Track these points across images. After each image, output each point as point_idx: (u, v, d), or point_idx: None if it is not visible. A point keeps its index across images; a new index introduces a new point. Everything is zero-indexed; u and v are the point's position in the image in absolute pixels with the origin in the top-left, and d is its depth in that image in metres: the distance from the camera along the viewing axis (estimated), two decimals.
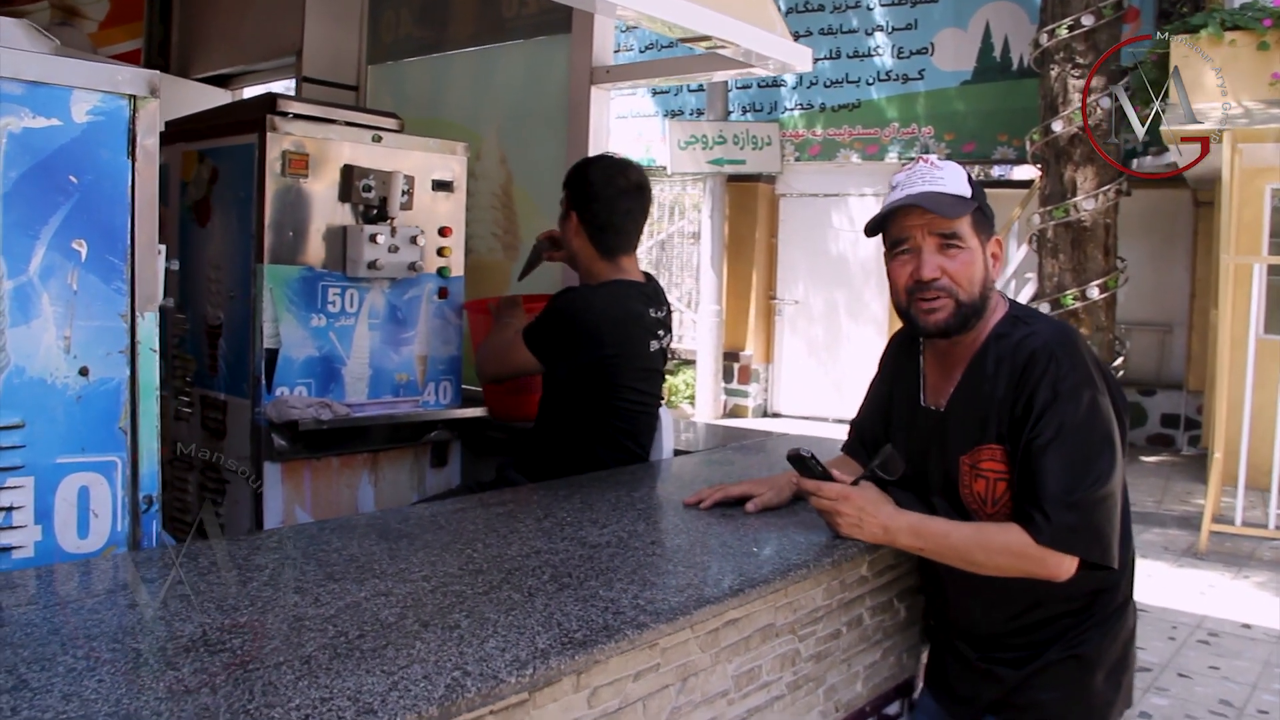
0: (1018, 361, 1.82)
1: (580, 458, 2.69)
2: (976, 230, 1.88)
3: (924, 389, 2.03)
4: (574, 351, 2.68)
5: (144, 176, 1.78)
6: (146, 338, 1.81)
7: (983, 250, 1.89)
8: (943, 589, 2.11)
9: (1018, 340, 1.85)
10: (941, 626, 2.17)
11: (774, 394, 12.06)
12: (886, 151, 10.79)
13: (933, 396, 2.01)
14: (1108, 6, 7.85)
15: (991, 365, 1.87)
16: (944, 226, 1.85)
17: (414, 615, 1.45)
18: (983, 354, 1.90)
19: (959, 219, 1.86)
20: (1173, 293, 9.42)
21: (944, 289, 1.86)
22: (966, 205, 1.86)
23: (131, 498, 1.81)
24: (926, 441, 2.00)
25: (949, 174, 1.88)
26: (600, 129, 3.52)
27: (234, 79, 5.00)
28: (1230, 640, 4.98)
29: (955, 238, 1.86)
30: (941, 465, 1.96)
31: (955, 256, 1.86)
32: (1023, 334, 1.86)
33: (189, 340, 3.14)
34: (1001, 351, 1.86)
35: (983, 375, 1.89)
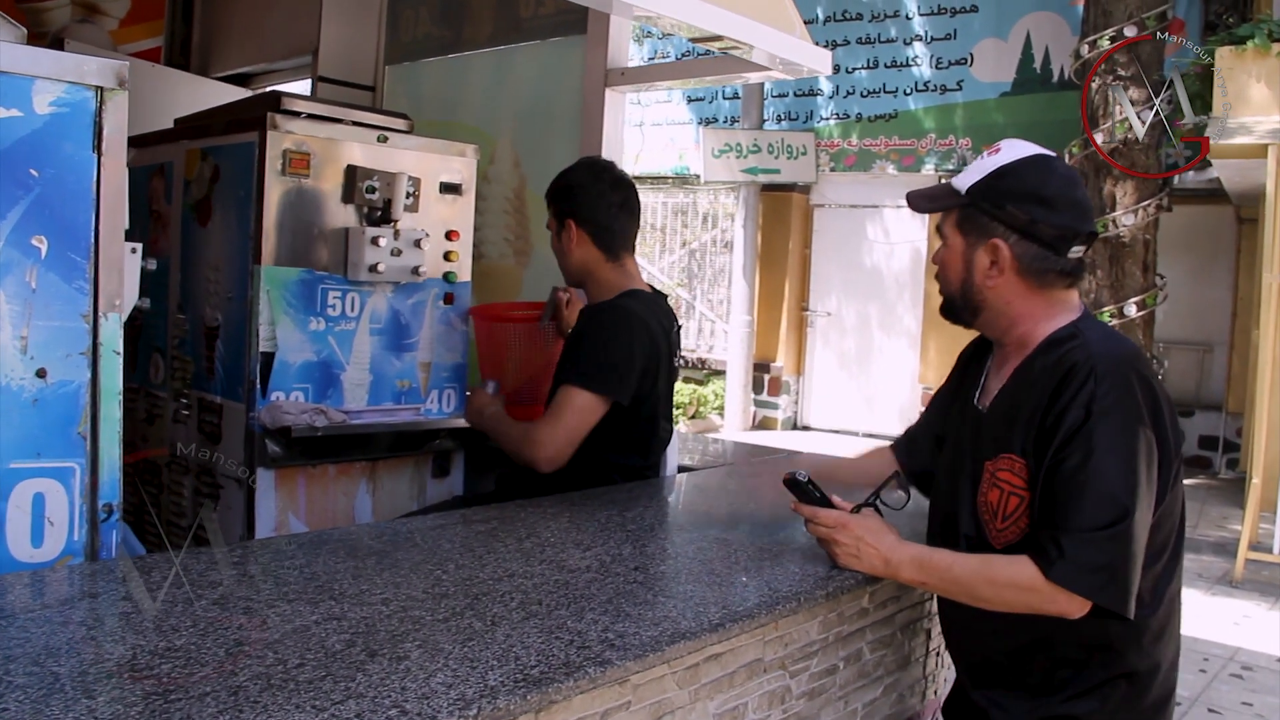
0: (1056, 374, 1.70)
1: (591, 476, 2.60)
2: (963, 229, 1.83)
3: (981, 388, 1.93)
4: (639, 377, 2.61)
5: (110, 171, 1.71)
6: (110, 339, 1.73)
7: (967, 251, 1.83)
8: (945, 612, 1.98)
9: (1065, 351, 1.72)
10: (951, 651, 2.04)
11: (804, 406, 11.91)
12: (923, 163, 10.62)
13: (984, 397, 1.91)
14: (1151, 17, 7.65)
15: (1036, 372, 1.76)
16: (939, 220, 1.89)
17: (363, 643, 1.36)
18: (1031, 360, 1.79)
19: (942, 215, 1.87)
20: (1214, 311, 9.18)
21: (939, 279, 1.92)
22: (945, 201, 1.85)
23: (90, 506, 1.73)
24: (966, 442, 1.89)
25: (982, 163, 1.82)
26: (614, 132, 3.43)
27: (253, 78, 4.96)
28: (1265, 675, 4.80)
29: (941, 231, 1.89)
30: (972, 469, 1.84)
31: (940, 251, 1.90)
32: (1073, 345, 1.73)
33: (188, 342, 3.08)
34: (1048, 360, 1.75)
35: (1025, 381, 1.78)
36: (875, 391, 11.34)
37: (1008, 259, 1.78)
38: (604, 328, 2.61)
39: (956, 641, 1.97)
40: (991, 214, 1.79)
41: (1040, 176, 1.79)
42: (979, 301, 1.84)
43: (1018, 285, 1.80)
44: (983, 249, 1.80)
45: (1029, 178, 1.78)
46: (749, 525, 2.19)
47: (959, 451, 1.92)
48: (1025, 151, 1.82)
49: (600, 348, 2.57)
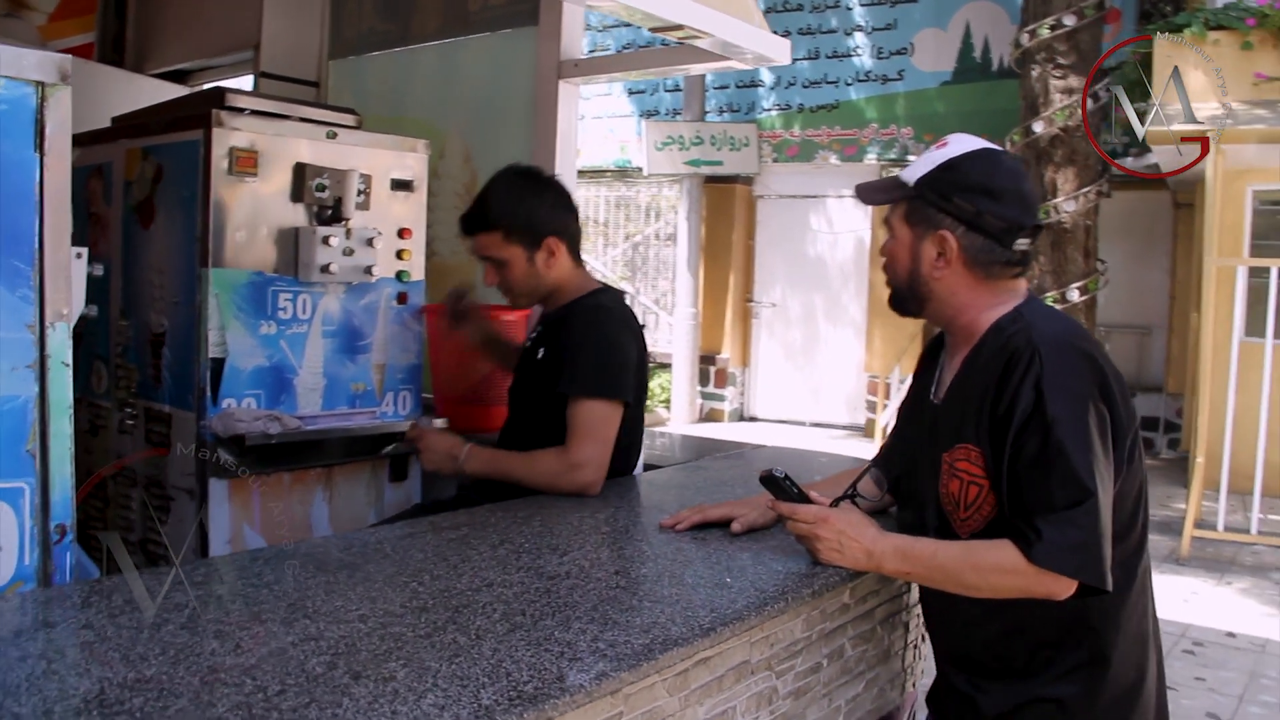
0: (1002, 357, 1.71)
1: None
2: (910, 221, 1.84)
3: (936, 383, 1.92)
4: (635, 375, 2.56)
5: (54, 172, 1.61)
6: (57, 350, 1.64)
7: (914, 242, 1.83)
8: (927, 601, 1.97)
9: (1009, 335, 1.73)
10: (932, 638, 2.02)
11: (750, 398, 11.92)
12: (865, 153, 10.67)
13: (939, 390, 1.90)
14: (1089, 6, 7.75)
15: (983, 360, 1.76)
16: (887, 211, 1.89)
17: (345, 664, 1.30)
18: (978, 348, 1.80)
19: (890, 207, 1.88)
20: (1152, 295, 9.34)
21: (886, 269, 1.91)
22: (893, 193, 1.86)
23: (42, 527, 1.64)
24: (924, 438, 1.89)
25: (929, 156, 1.83)
26: (569, 125, 3.37)
27: (192, 75, 4.81)
28: (1215, 650, 4.88)
29: (888, 223, 1.89)
30: (931, 464, 1.84)
31: (888, 242, 1.89)
32: (1015, 329, 1.74)
33: (132, 349, 2.96)
34: (994, 346, 1.75)
35: (974, 369, 1.78)
36: (821, 382, 11.39)
37: (955, 250, 1.79)
38: (601, 331, 2.51)
39: (939, 630, 1.96)
40: (939, 206, 1.79)
41: (987, 169, 1.80)
42: (926, 292, 1.84)
43: (964, 276, 1.80)
44: (929, 240, 1.81)
45: (976, 170, 1.79)
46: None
47: (919, 446, 1.91)
48: (972, 145, 1.83)
49: (605, 352, 2.48)
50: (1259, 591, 5.79)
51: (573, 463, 2.39)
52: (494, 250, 2.57)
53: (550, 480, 2.40)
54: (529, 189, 2.62)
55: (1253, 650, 4.87)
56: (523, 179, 2.65)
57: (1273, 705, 4.21)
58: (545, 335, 2.63)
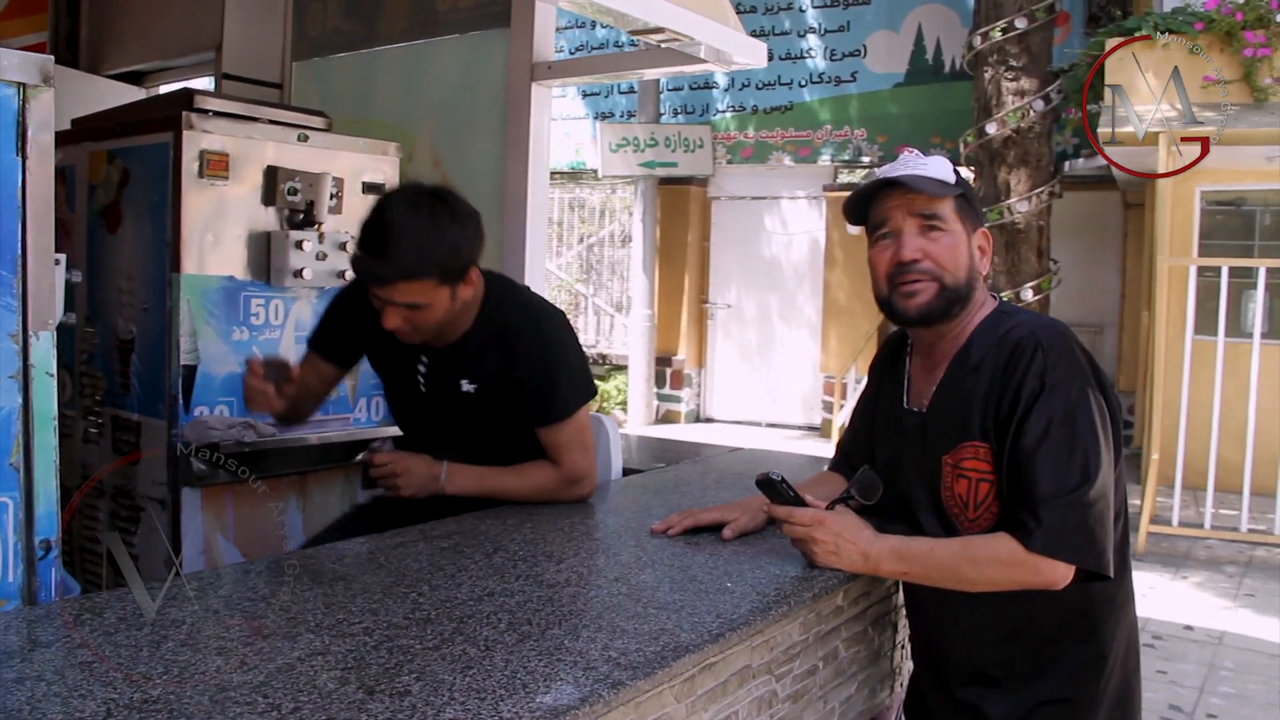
0: (1002, 354, 1.72)
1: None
2: (961, 217, 1.80)
3: (908, 391, 1.91)
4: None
5: (37, 177, 1.56)
6: (42, 360, 1.59)
7: (968, 238, 1.81)
8: (924, 612, 1.96)
9: (1003, 333, 1.74)
10: (924, 652, 2.01)
11: (707, 399, 11.95)
12: (819, 154, 10.74)
13: (916, 398, 1.89)
14: (1040, 9, 7.86)
15: (975, 359, 1.76)
16: (925, 207, 1.77)
17: (356, 679, 1.27)
18: (966, 349, 1.79)
19: (941, 200, 1.78)
20: (1104, 294, 9.50)
21: (926, 271, 1.77)
22: (949, 189, 1.78)
23: (26, 543, 1.58)
24: (909, 446, 1.87)
25: (933, 162, 1.80)
26: (541, 128, 3.34)
27: (148, 76, 4.71)
28: (1174, 643, 4.96)
29: (937, 219, 1.78)
30: (924, 469, 1.82)
31: (938, 239, 1.78)
32: (1008, 327, 1.75)
33: (98, 356, 2.89)
34: (986, 346, 1.76)
35: (966, 370, 1.77)
36: (777, 382, 11.45)
37: (989, 249, 1.84)
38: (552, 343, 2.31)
39: (937, 644, 1.93)
40: (975, 206, 1.84)
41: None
42: (972, 290, 1.81)
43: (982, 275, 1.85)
44: (975, 237, 1.83)
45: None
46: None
47: (902, 458, 1.89)
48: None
49: (567, 362, 2.31)
50: (1214, 585, 5.91)
51: (571, 478, 2.30)
52: (418, 296, 2.10)
53: (550, 495, 2.30)
54: (448, 218, 2.15)
55: (1210, 642, 4.96)
56: (438, 205, 2.15)
57: (1232, 696, 4.30)
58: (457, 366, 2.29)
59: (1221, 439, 6.38)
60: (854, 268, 10.78)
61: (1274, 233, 8.12)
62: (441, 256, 2.09)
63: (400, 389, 2.40)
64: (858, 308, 10.73)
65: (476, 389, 2.28)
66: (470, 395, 2.28)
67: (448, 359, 2.29)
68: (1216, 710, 4.17)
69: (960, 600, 1.76)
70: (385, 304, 2.11)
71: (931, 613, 1.90)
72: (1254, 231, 8.14)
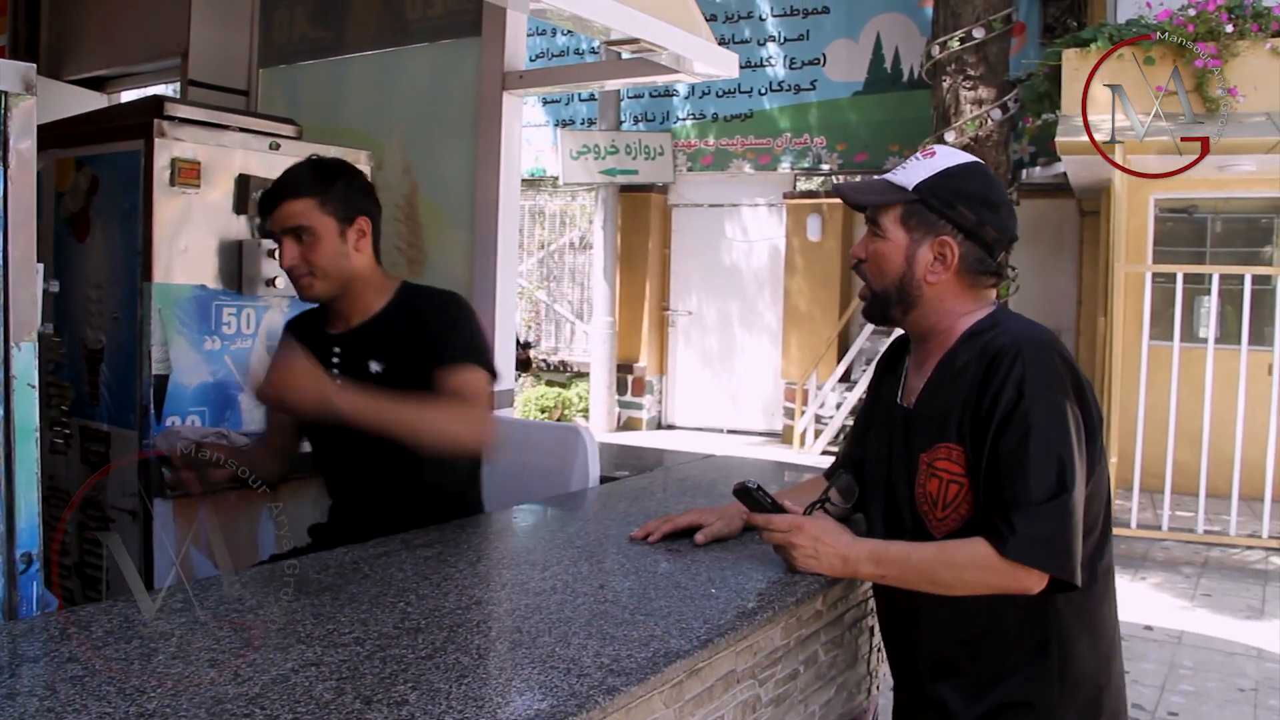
0: (984, 360, 1.73)
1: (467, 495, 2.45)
2: (907, 225, 1.81)
3: (903, 388, 1.93)
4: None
5: (19, 185, 1.55)
6: (23, 371, 1.57)
7: (910, 246, 1.81)
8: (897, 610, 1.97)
9: (988, 339, 1.76)
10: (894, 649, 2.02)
11: (668, 406, 11.98)
12: (779, 161, 10.82)
13: (907, 395, 1.91)
14: (997, 20, 7.98)
15: (960, 362, 1.78)
16: (873, 214, 1.84)
17: (352, 690, 1.27)
18: (953, 352, 1.81)
19: (880, 209, 1.83)
20: (1061, 300, 9.63)
21: (863, 273, 1.87)
22: (892, 195, 1.81)
23: (7, 557, 1.57)
24: (896, 439, 1.90)
25: (921, 164, 1.81)
26: (512, 136, 3.35)
27: (111, 81, 4.65)
28: (1135, 643, 5.05)
29: (876, 225, 1.84)
30: (906, 465, 1.85)
31: (875, 244, 1.84)
32: (995, 333, 1.77)
33: (66, 366, 2.85)
34: (971, 350, 1.77)
35: (950, 372, 1.80)
36: (738, 388, 11.50)
37: (954, 257, 1.80)
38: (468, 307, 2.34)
39: (909, 638, 1.95)
40: (941, 212, 1.79)
41: (986, 181, 1.83)
42: (915, 297, 1.84)
43: (954, 283, 1.82)
44: (929, 245, 1.81)
45: (976, 181, 1.82)
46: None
47: (890, 451, 1.92)
48: (962, 157, 1.84)
49: (479, 326, 2.32)
50: (1172, 586, 6.02)
51: (477, 418, 2.18)
52: (303, 218, 2.21)
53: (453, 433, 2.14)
54: (336, 164, 2.34)
55: (1169, 642, 5.05)
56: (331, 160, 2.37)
57: (1191, 694, 4.38)
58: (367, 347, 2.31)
59: (1178, 442, 6.51)
60: (814, 274, 10.87)
61: (1225, 240, 8.31)
62: (322, 182, 2.24)
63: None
64: (818, 314, 10.81)
65: (384, 368, 2.28)
66: (379, 375, 2.28)
67: (358, 341, 2.32)
68: (1177, 708, 4.26)
69: (931, 601, 1.78)
70: (280, 237, 2.24)
71: (904, 611, 1.92)
72: (1205, 239, 8.32)
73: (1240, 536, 6.50)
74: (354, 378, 2.24)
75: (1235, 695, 4.36)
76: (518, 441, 2.75)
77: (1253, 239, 8.31)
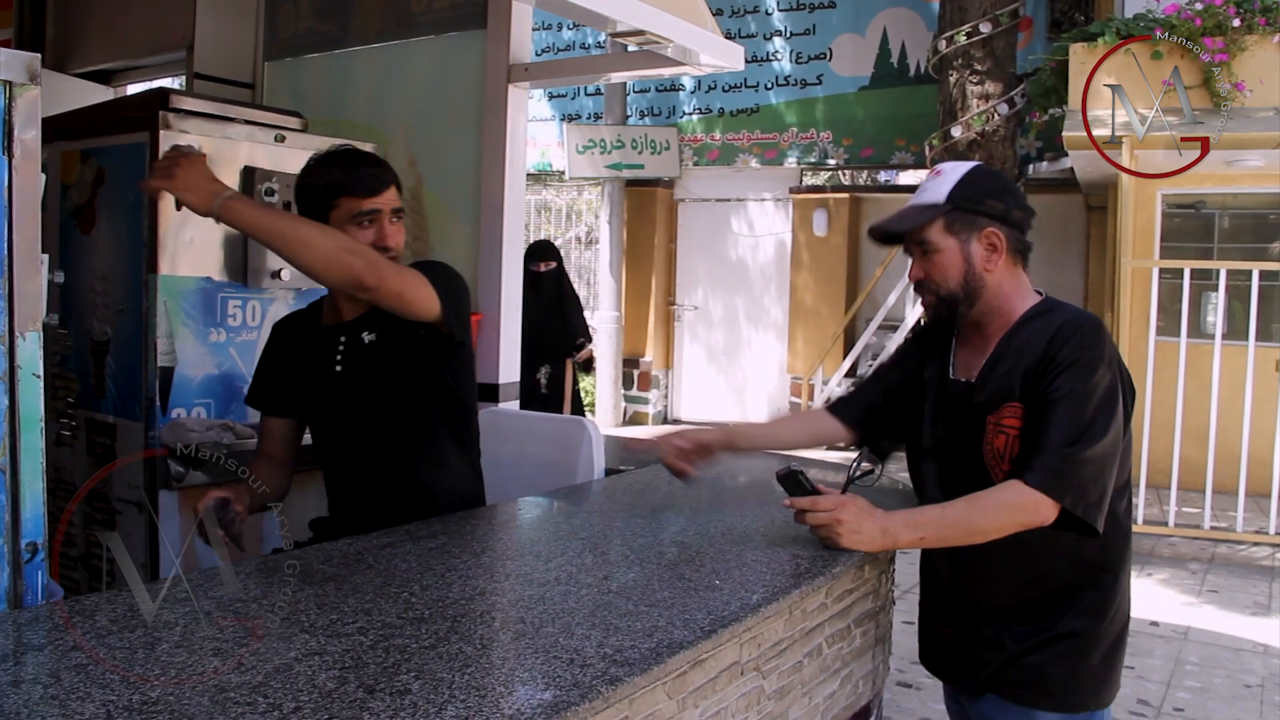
0: (1048, 332, 1.93)
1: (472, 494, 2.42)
2: (952, 230, 1.99)
3: (953, 365, 2.11)
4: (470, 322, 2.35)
5: (24, 176, 1.54)
6: (28, 361, 1.57)
7: (963, 248, 1.99)
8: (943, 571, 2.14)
9: (1050, 318, 1.97)
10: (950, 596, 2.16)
11: (674, 400, 11.97)
12: (785, 156, 10.79)
13: (963, 370, 2.09)
14: (1004, 14, 7.95)
15: (1022, 339, 1.97)
16: (917, 235, 2.02)
17: (355, 678, 1.27)
18: (1014, 332, 2.00)
19: (925, 226, 2.00)
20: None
21: (927, 288, 2.04)
22: (929, 214, 2.00)
23: (12, 546, 1.57)
24: (954, 411, 2.07)
25: (938, 182, 2.02)
26: (517, 129, 3.34)
27: (117, 75, 4.65)
28: (1141, 639, 5.04)
29: (925, 244, 2.02)
30: (969, 430, 2.02)
31: (931, 259, 2.02)
32: (1055, 313, 1.98)
33: (72, 358, 2.86)
34: (1032, 330, 1.97)
35: (1011, 348, 1.98)
36: (744, 383, 11.49)
37: (1004, 243, 1.98)
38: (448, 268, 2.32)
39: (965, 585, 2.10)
40: (976, 210, 1.98)
41: (997, 176, 2.08)
42: (979, 288, 2.00)
43: (1006, 266, 2.01)
44: (978, 240, 1.99)
45: (991, 177, 2.04)
46: (697, 526, 2.15)
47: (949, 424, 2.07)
48: (966, 163, 2.06)
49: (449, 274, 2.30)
50: (1178, 581, 6.00)
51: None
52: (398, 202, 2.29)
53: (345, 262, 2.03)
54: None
55: (1175, 638, 5.04)
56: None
57: (1197, 690, 4.37)
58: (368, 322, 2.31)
59: (1184, 438, 6.49)
60: (820, 270, 10.84)
61: (1232, 235, 8.27)
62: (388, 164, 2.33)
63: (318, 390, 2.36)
64: (824, 309, 10.79)
65: (377, 336, 2.29)
66: (373, 344, 2.29)
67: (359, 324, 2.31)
68: (1183, 704, 4.25)
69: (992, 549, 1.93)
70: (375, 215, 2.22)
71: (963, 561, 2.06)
72: (1213, 234, 8.28)
73: (1247, 533, 6.48)
74: (353, 359, 2.29)
75: (1242, 691, 4.35)
76: (523, 433, 2.75)
77: (1261, 234, 8.27)
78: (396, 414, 2.30)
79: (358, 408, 2.32)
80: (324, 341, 2.34)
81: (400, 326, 2.23)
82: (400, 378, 2.28)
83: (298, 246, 2.00)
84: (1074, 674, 2.01)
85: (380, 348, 2.29)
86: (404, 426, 2.30)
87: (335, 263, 2.02)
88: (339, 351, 2.32)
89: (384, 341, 2.29)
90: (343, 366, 2.31)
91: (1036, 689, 2.01)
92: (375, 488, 2.34)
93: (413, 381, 2.28)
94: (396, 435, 2.30)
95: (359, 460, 2.35)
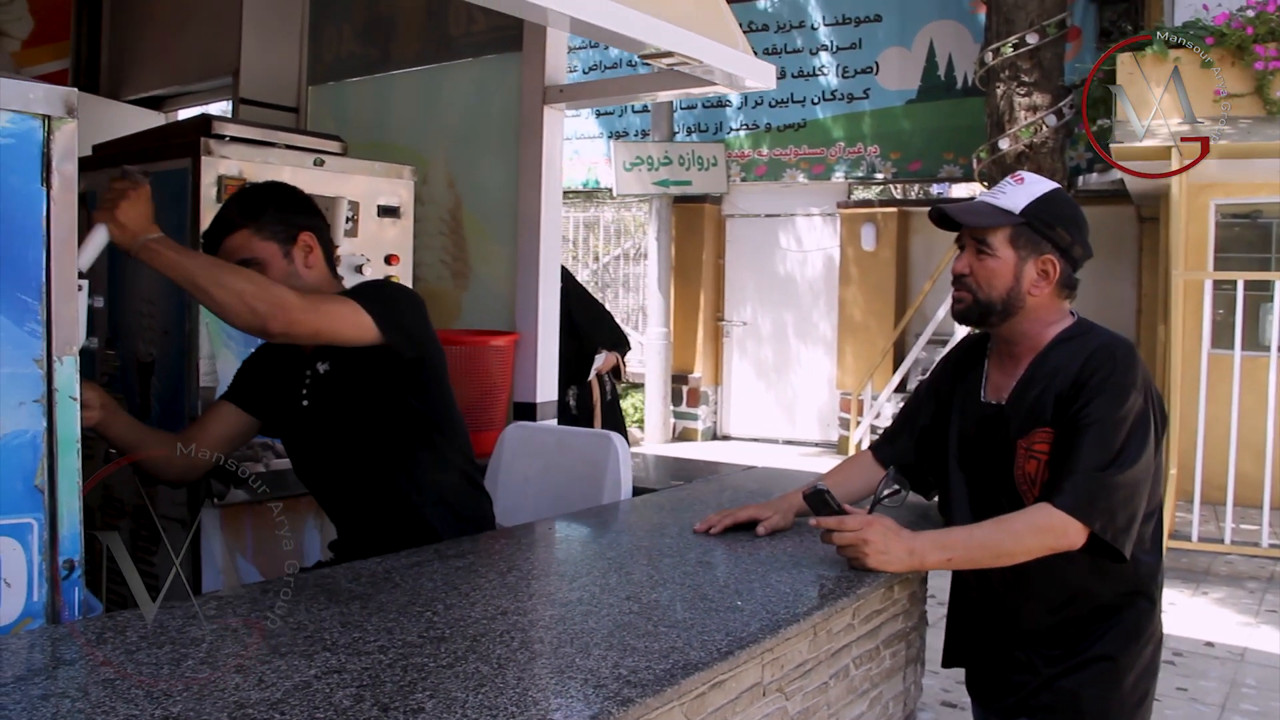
0: (1081, 356, 1.94)
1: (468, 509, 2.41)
2: (1016, 245, 2.00)
3: (985, 386, 2.12)
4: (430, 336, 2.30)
5: (61, 205, 1.60)
6: (65, 385, 1.62)
7: (1018, 264, 2.00)
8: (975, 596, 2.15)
9: (1082, 343, 1.98)
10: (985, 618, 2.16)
11: (723, 416, 11.96)
12: (833, 171, 10.76)
13: (994, 392, 2.10)
14: (1051, 25, 7.88)
15: (1054, 362, 1.98)
16: (980, 233, 2.02)
17: (371, 697, 1.29)
18: (1045, 355, 2.01)
19: (989, 229, 2.00)
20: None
21: (967, 285, 2.04)
22: (1000, 219, 2.00)
23: (50, 563, 1.62)
24: (986, 432, 2.07)
25: (1018, 190, 2.01)
26: (553, 150, 3.38)
27: (168, 101, 4.78)
28: (1195, 660, 4.94)
29: (986, 245, 2.02)
30: (1000, 453, 2.03)
31: (984, 261, 2.02)
32: (1087, 337, 1.99)
33: (119, 378, 2.94)
34: (1064, 353, 1.98)
35: (1043, 372, 1.99)
36: (794, 399, 11.45)
37: (1056, 274, 2.00)
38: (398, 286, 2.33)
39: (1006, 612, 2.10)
40: (1044, 234, 1.99)
41: (1074, 207, 2.06)
42: (1018, 307, 2.02)
43: (1051, 295, 2.02)
44: (1033, 263, 2.00)
45: (1067, 205, 2.04)
46: (724, 547, 2.16)
47: (980, 446, 2.08)
48: (1048, 182, 2.05)
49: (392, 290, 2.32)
50: (1234, 601, 5.87)
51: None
52: (245, 251, 2.21)
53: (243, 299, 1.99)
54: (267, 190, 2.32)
55: (1231, 659, 4.93)
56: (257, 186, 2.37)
57: (1254, 714, 4.27)
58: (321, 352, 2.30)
59: (1240, 453, 6.36)
60: (869, 285, 10.79)
61: None
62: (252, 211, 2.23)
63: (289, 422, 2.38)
64: (873, 324, 10.73)
65: (330, 365, 2.28)
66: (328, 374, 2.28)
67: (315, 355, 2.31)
68: None
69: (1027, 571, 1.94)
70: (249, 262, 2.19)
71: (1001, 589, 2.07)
72: (1270, 244, 8.11)
73: None
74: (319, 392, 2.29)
75: None
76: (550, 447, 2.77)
77: None
78: (366, 443, 2.29)
79: (328, 440, 2.32)
80: (294, 372, 2.34)
81: (350, 354, 2.21)
82: (362, 406, 2.26)
83: (211, 290, 2.00)
84: (1107, 698, 2.00)
85: (337, 377, 2.28)
86: (376, 453, 2.28)
87: (239, 306, 1.99)
88: (305, 385, 2.33)
89: (339, 371, 2.28)
90: (309, 401, 2.32)
91: (1070, 713, 2.01)
92: (364, 513, 2.34)
93: (376, 408, 2.26)
94: (371, 462, 2.29)
95: (340, 488, 2.36)
